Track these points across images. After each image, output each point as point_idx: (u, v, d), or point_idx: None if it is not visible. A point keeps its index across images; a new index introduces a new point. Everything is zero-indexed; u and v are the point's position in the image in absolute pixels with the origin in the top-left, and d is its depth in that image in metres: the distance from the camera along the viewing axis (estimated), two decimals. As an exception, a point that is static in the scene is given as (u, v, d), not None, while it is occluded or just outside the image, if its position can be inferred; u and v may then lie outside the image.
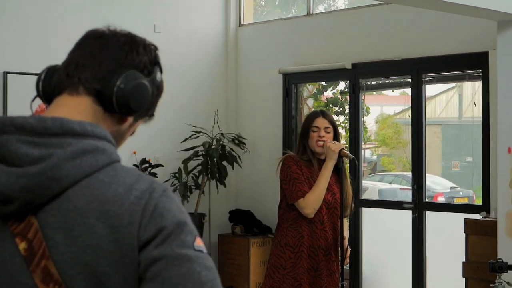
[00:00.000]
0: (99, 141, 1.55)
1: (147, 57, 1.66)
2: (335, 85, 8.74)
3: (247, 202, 8.65)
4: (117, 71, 1.61)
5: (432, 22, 7.18)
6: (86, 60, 1.61)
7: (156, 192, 1.52)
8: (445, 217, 7.33)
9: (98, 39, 1.64)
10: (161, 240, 1.48)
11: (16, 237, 1.50)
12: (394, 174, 12.32)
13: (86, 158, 1.51)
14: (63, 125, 1.52)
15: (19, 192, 1.47)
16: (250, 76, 8.73)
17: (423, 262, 7.27)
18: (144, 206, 1.50)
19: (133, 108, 1.62)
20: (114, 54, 1.62)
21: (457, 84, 11.18)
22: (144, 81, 1.63)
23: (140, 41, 1.68)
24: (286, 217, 4.77)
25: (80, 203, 1.49)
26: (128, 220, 1.48)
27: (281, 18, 8.78)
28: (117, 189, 1.51)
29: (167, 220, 1.50)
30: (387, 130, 13.02)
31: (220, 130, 8.40)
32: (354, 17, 7.88)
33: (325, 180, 4.70)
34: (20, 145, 1.49)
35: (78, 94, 1.60)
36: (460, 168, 11.59)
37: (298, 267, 4.67)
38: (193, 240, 1.51)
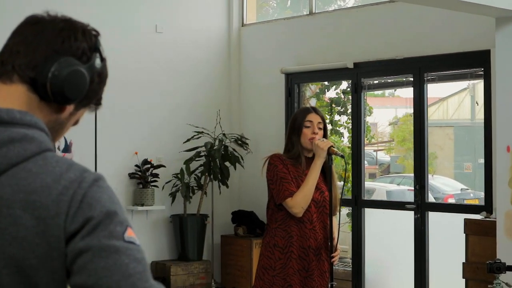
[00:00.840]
0: (28, 129, 1.48)
1: (86, 43, 1.58)
2: (338, 85, 8.68)
3: (250, 203, 8.59)
4: (52, 58, 1.53)
5: (433, 21, 7.11)
6: (20, 46, 1.55)
7: (85, 181, 1.46)
8: (447, 218, 7.26)
9: (35, 25, 1.57)
10: (88, 231, 1.42)
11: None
12: (403, 176, 12.23)
13: (13, 147, 1.45)
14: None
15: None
16: (253, 76, 8.69)
17: (426, 262, 7.20)
18: (71, 196, 1.43)
19: (68, 96, 1.54)
20: (49, 40, 1.55)
21: (469, 85, 11.09)
22: (80, 68, 1.55)
23: (80, 26, 1.60)
24: (275, 218, 4.68)
25: (6, 194, 1.43)
26: (55, 211, 1.42)
27: (284, 18, 8.74)
28: (45, 179, 1.44)
29: (95, 210, 1.43)
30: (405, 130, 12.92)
31: (222, 131, 8.36)
32: (356, 16, 7.82)
33: (314, 178, 4.61)
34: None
35: (12, 82, 1.53)
36: (472, 170, 11.48)
37: (288, 268, 4.58)
38: (124, 230, 1.44)
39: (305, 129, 4.66)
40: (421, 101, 7.29)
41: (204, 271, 8.14)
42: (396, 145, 13.85)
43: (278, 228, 4.64)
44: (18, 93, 1.53)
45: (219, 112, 8.44)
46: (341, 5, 8.81)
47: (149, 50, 8.09)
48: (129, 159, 7.97)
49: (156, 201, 8.06)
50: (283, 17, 8.93)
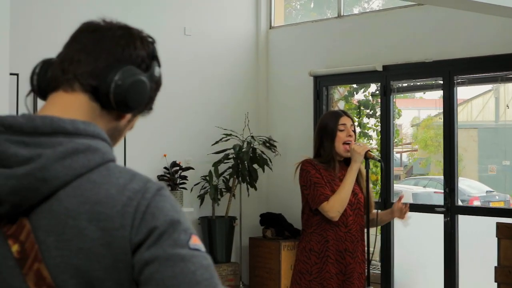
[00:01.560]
0: (92, 140, 1.49)
1: (144, 51, 1.60)
2: (366, 87, 8.67)
3: (278, 205, 8.60)
4: (114, 67, 1.55)
5: (464, 23, 7.09)
6: (81, 55, 1.56)
7: (149, 192, 1.46)
8: (477, 221, 7.23)
9: (93, 33, 1.59)
10: (153, 241, 1.43)
11: (9, 239, 1.46)
12: (429, 178, 12.19)
13: (78, 158, 1.46)
14: (53, 124, 1.47)
15: (7, 194, 1.43)
16: (281, 79, 8.70)
17: (455, 266, 7.18)
18: (136, 207, 1.44)
19: (131, 105, 1.56)
20: (110, 49, 1.56)
21: (494, 87, 11.05)
22: (142, 77, 1.57)
23: (137, 34, 1.62)
24: (310, 223, 4.69)
25: (72, 205, 1.44)
26: (120, 223, 1.43)
27: (312, 20, 8.75)
28: (109, 190, 1.45)
29: (159, 220, 1.44)
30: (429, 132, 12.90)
31: (250, 133, 8.37)
32: (385, 18, 7.81)
33: (350, 183, 4.62)
34: (9, 145, 1.44)
35: (74, 90, 1.55)
36: (496, 172, 11.43)
37: (324, 272, 4.59)
38: (188, 238, 1.45)
39: (340, 132, 4.66)
40: (450, 104, 7.27)
41: (233, 273, 8.16)
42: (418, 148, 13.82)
43: (313, 233, 4.66)
44: (80, 102, 1.55)
45: (247, 115, 8.46)
46: (366, 7, 8.81)
47: (177, 53, 8.11)
48: (158, 161, 8.00)
49: (185, 203, 8.08)
50: (309, 19, 8.94)
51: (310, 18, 9.26)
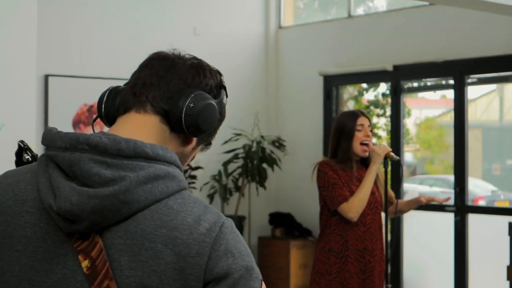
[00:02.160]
0: (169, 167, 1.53)
1: (213, 81, 1.66)
2: (376, 87, 8.69)
3: (287, 205, 8.62)
4: (186, 91, 1.60)
5: (474, 23, 7.12)
6: (153, 79, 1.61)
7: (225, 227, 1.52)
8: (488, 220, 7.26)
9: (164, 61, 1.64)
10: (232, 284, 1.49)
11: (79, 254, 1.49)
12: (435, 177, 12.22)
13: (158, 184, 1.49)
14: (137, 148, 1.50)
15: (88, 213, 1.46)
16: (291, 78, 8.72)
17: (466, 265, 7.20)
18: (214, 239, 1.49)
19: (201, 128, 1.61)
20: (181, 75, 1.62)
21: (498, 86, 11.07)
22: (213, 101, 1.63)
23: (206, 65, 1.67)
24: (329, 223, 4.72)
25: (149, 228, 1.48)
26: (196, 251, 1.47)
27: (322, 21, 8.77)
28: (185, 218, 1.50)
29: (237, 263, 1.50)
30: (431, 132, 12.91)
31: (260, 132, 8.39)
32: (395, 18, 7.84)
33: (370, 184, 4.65)
34: (93, 165, 1.47)
35: (146, 112, 1.60)
36: (501, 172, 11.45)
37: (344, 272, 4.62)
38: (260, 285, 1.53)
39: (358, 132, 4.69)
40: (461, 104, 7.30)
41: (242, 273, 8.18)
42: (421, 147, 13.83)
43: (332, 233, 4.69)
44: (152, 124, 1.59)
45: (257, 114, 8.48)
46: (370, 6, 8.82)
47: (187, 52, 8.10)
48: (168, 161, 8.01)
49: (194, 202, 8.08)
50: (314, 19, 8.97)
51: (315, 17, 9.28)
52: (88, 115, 7.42)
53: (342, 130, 4.71)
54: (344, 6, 8.56)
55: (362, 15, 8.39)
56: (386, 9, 8.48)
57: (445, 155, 12.05)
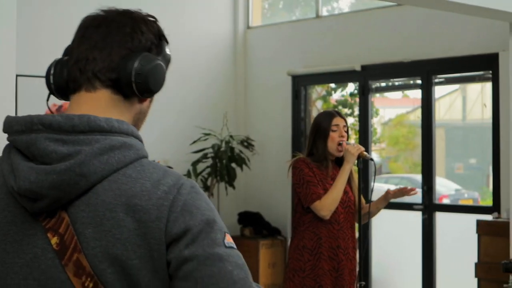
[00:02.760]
0: (126, 137, 1.56)
1: (151, 34, 1.66)
2: (344, 87, 8.75)
3: (256, 204, 8.66)
4: (130, 57, 1.61)
5: (441, 24, 7.20)
6: (95, 53, 1.61)
7: (184, 188, 1.54)
8: (455, 218, 7.36)
9: (99, 28, 1.64)
10: (192, 239, 1.50)
11: (48, 232, 1.53)
12: (400, 176, 12.32)
13: (114, 154, 1.52)
14: (90, 123, 1.53)
15: (48, 189, 1.49)
16: (259, 78, 8.75)
17: (433, 263, 7.29)
18: (172, 201, 1.51)
19: (153, 89, 1.63)
20: (120, 41, 1.62)
21: (461, 86, 11.20)
22: (158, 61, 1.64)
23: (140, 17, 1.67)
24: (302, 220, 4.76)
25: (109, 198, 1.51)
26: (155, 215, 1.50)
27: (290, 21, 8.82)
28: (144, 184, 1.52)
29: (196, 219, 1.51)
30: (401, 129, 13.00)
31: (229, 132, 8.41)
32: (364, 19, 7.90)
33: (342, 183, 4.70)
34: (49, 143, 1.51)
35: (96, 89, 1.61)
36: (464, 170, 11.58)
37: (317, 269, 4.66)
38: (223, 237, 1.53)
39: (332, 133, 4.75)
40: (428, 103, 7.39)
41: (211, 272, 8.19)
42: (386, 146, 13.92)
43: (306, 230, 4.73)
44: (105, 99, 1.62)
45: (226, 114, 8.50)
46: (334, 6, 8.87)
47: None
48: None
49: (164, 202, 8.08)
50: (278, 19, 9.03)
51: (279, 17, 9.32)
52: (56, 115, 7.38)
53: (318, 129, 4.77)
54: (308, 6, 8.61)
55: (330, 15, 8.45)
56: (351, 9, 8.54)
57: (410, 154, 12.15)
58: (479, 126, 10.84)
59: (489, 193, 9.88)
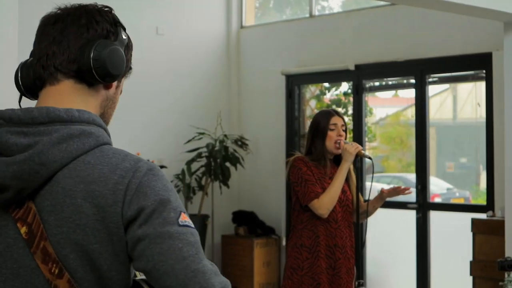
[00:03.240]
0: (87, 126, 1.61)
1: (107, 23, 1.70)
2: (338, 86, 8.77)
3: (250, 203, 8.67)
4: (87, 46, 1.65)
5: (435, 24, 7.23)
6: (54, 47, 1.66)
7: (140, 170, 1.57)
8: (448, 217, 7.40)
9: (56, 24, 1.68)
10: (144, 219, 1.54)
11: (17, 222, 1.58)
12: (392, 176, 12.35)
13: (73, 142, 1.57)
14: (50, 114, 1.58)
15: (10, 180, 1.55)
16: (253, 78, 8.77)
17: (428, 261, 7.33)
18: (127, 184, 1.55)
19: (113, 73, 1.67)
20: (76, 33, 1.66)
21: (451, 85, 11.24)
22: (114, 46, 1.67)
23: (93, 8, 1.71)
24: (300, 219, 4.78)
25: (68, 185, 1.56)
26: (112, 200, 1.54)
27: (283, 20, 8.83)
28: (102, 170, 1.56)
29: (149, 199, 1.55)
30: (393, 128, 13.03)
31: (223, 132, 8.42)
32: (357, 18, 7.93)
33: (340, 181, 4.73)
34: (10, 136, 1.56)
35: (59, 81, 1.66)
36: (454, 169, 11.61)
37: (315, 267, 4.69)
38: (177, 216, 1.56)
39: (330, 132, 4.77)
40: (422, 102, 7.43)
41: (206, 271, 8.19)
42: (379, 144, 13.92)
43: (304, 229, 4.75)
44: (68, 90, 1.66)
45: (220, 113, 8.51)
46: (325, 6, 8.88)
47: (150, 52, 8.12)
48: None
49: (158, 201, 8.08)
50: (269, 18, 9.05)
51: (275, 16, 9.34)
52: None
53: (317, 128, 4.79)
54: (298, 5, 8.62)
55: (324, 15, 8.47)
56: (345, 9, 8.56)
57: (402, 153, 12.19)
58: (470, 125, 10.89)
59: (480, 192, 9.92)
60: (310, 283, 4.69)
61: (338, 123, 4.79)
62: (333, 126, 4.78)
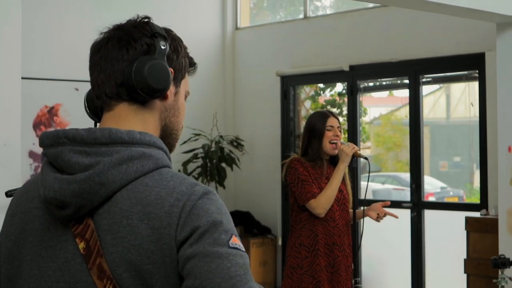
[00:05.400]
0: (147, 148, 1.63)
1: (145, 37, 1.72)
2: (333, 87, 8.84)
3: (246, 203, 8.73)
4: (126, 68, 1.68)
5: (428, 25, 7.30)
6: (101, 76, 1.71)
7: (195, 194, 1.60)
8: (443, 216, 7.46)
9: (100, 52, 1.72)
10: (196, 239, 1.57)
11: (76, 238, 1.63)
12: (386, 175, 12.41)
13: (132, 164, 1.60)
14: (112, 135, 1.62)
15: (70, 197, 1.60)
16: (248, 79, 8.82)
17: (422, 259, 7.39)
18: (181, 207, 1.58)
19: (159, 88, 1.68)
20: (117, 56, 1.69)
21: (445, 84, 11.29)
22: (154, 60, 1.68)
23: (130, 26, 1.74)
24: (299, 219, 4.86)
25: (126, 206, 1.60)
26: (167, 222, 1.58)
27: (278, 22, 8.89)
28: (159, 192, 1.60)
29: (202, 220, 1.57)
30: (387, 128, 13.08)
31: (219, 133, 8.48)
32: (352, 19, 7.99)
33: (338, 181, 4.80)
34: (73, 155, 1.61)
35: (113, 107, 1.71)
36: (448, 168, 11.67)
37: (315, 265, 4.76)
38: (228, 238, 1.58)
39: (328, 132, 4.84)
40: (416, 103, 7.50)
41: (203, 271, 8.24)
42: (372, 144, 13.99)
43: (303, 228, 4.82)
44: (123, 112, 1.71)
45: (215, 115, 8.57)
46: (318, 5, 8.94)
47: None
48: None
49: (155, 202, 8.12)
50: (264, 18, 9.10)
51: (269, 17, 9.40)
52: (48, 116, 7.43)
53: (313, 129, 4.86)
54: (292, 6, 8.67)
55: (318, 16, 8.53)
56: (339, 10, 8.62)
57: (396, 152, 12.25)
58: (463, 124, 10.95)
59: (473, 190, 9.99)
60: (310, 281, 4.77)
61: (334, 124, 4.87)
62: (329, 127, 4.85)
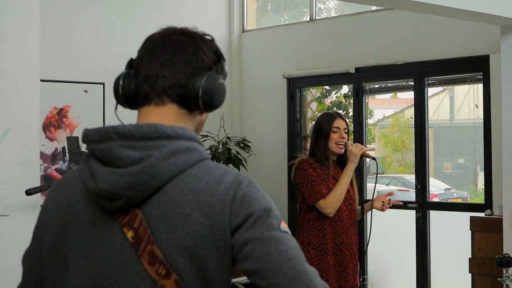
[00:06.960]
0: (190, 142, 1.78)
1: (211, 52, 1.87)
2: (339, 89, 8.91)
3: (253, 204, 8.77)
4: (195, 76, 1.82)
5: (433, 27, 7.36)
6: (164, 71, 1.82)
7: (243, 183, 1.76)
8: (447, 216, 7.52)
9: (166, 48, 1.83)
10: (251, 224, 1.72)
11: (124, 227, 1.75)
12: (391, 177, 12.49)
13: (180, 157, 1.74)
14: (158, 130, 1.75)
15: (124, 189, 1.71)
16: (255, 81, 8.89)
17: (427, 259, 7.45)
18: (233, 195, 1.73)
19: (217, 105, 1.86)
20: (186, 60, 1.83)
21: (449, 87, 11.37)
22: (222, 80, 1.86)
23: (199, 37, 1.87)
24: (307, 218, 4.95)
25: (177, 196, 1.73)
26: (220, 209, 1.72)
27: (284, 24, 8.96)
28: (208, 182, 1.74)
29: (254, 207, 1.73)
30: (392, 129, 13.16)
31: (226, 134, 8.55)
32: (357, 22, 8.05)
33: (346, 182, 4.90)
34: (122, 150, 1.73)
35: (164, 103, 1.83)
36: (452, 170, 11.74)
37: (323, 264, 4.85)
38: (279, 223, 1.75)
39: (333, 134, 4.94)
40: (421, 105, 7.57)
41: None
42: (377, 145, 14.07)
43: (311, 227, 4.91)
44: (172, 113, 1.83)
45: (222, 116, 8.64)
46: (321, 7, 9.00)
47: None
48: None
49: (163, 203, 8.19)
50: (268, 20, 9.17)
51: (273, 19, 9.47)
52: (58, 118, 7.50)
53: (320, 130, 4.96)
54: (296, 8, 8.72)
55: (324, 18, 8.60)
56: (344, 13, 8.69)
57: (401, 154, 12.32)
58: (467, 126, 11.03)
59: (477, 192, 10.06)
60: (319, 280, 4.85)
61: (340, 126, 4.96)
62: (335, 129, 4.95)
